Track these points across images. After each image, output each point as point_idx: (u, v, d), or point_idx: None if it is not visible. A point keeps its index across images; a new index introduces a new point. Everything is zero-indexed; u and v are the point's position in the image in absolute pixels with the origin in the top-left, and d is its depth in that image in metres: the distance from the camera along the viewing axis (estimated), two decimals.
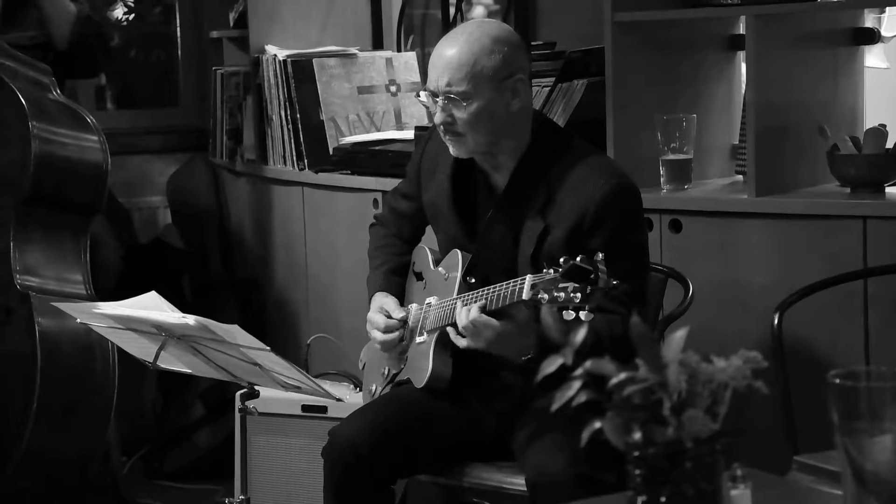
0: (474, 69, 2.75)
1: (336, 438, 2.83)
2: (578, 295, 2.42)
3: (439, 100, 2.78)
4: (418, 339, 2.92)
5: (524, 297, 2.51)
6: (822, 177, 3.34)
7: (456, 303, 2.76)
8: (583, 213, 2.72)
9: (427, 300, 2.94)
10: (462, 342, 2.70)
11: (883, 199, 3.15)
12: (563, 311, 2.43)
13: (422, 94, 2.86)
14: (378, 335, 2.95)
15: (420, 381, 2.86)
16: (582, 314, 2.44)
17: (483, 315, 2.63)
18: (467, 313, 2.65)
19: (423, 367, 2.87)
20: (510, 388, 2.87)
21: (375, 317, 2.96)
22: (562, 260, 2.45)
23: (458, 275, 2.85)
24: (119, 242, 4.20)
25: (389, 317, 2.94)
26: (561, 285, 2.44)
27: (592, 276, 2.42)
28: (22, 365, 3.56)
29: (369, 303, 3.02)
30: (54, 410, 3.56)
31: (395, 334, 2.93)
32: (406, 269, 3.09)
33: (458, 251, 2.89)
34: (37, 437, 3.53)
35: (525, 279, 2.52)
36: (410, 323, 2.96)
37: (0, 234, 3.65)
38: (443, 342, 2.84)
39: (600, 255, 2.45)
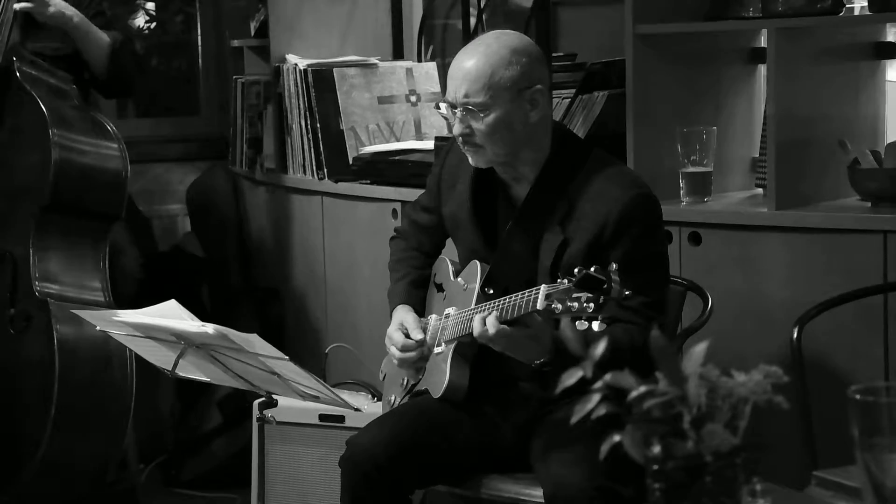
0: (492, 80, 2.75)
1: (354, 448, 2.83)
2: (592, 305, 2.43)
3: (458, 111, 2.79)
4: (437, 350, 2.92)
5: (539, 307, 2.51)
6: (843, 191, 3.33)
7: (474, 314, 2.77)
8: (603, 224, 2.72)
9: (446, 311, 2.95)
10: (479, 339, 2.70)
11: None
12: (577, 321, 2.44)
13: (441, 105, 2.86)
14: (396, 353, 2.95)
15: (437, 391, 2.86)
16: (595, 324, 2.45)
17: (498, 324, 2.63)
18: (482, 322, 2.65)
19: (440, 377, 2.87)
20: (528, 399, 2.86)
21: (395, 335, 2.96)
22: (576, 270, 2.46)
23: (477, 286, 2.85)
24: (138, 250, 4.21)
25: (408, 335, 2.94)
26: (574, 295, 2.45)
27: (605, 286, 2.43)
28: (40, 372, 3.57)
29: (390, 315, 3.03)
30: (72, 417, 3.57)
31: (413, 354, 2.94)
32: (426, 282, 3.09)
33: (478, 262, 2.89)
34: (54, 443, 3.54)
35: (540, 289, 2.52)
36: (430, 334, 2.96)
37: (20, 241, 3.67)
38: (461, 353, 2.84)
39: (614, 266, 2.45)
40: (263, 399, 2.86)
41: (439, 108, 2.89)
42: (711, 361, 1.59)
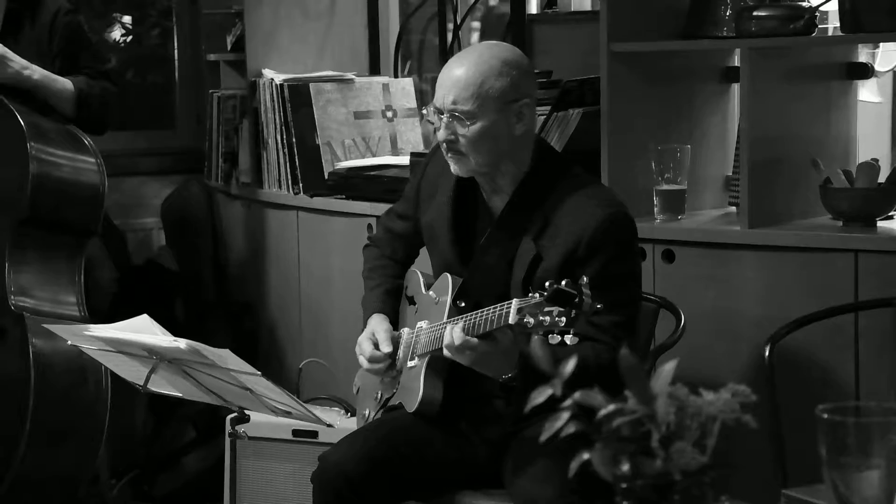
0: (481, 89, 2.76)
1: (325, 464, 2.83)
2: (563, 319, 2.44)
3: (444, 117, 2.80)
4: (410, 364, 2.92)
5: (511, 321, 2.51)
6: (815, 210, 3.35)
7: (446, 327, 2.77)
8: (577, 241, 2.73)
9: (418, 324, 2.95)
10: (447, 353, 2.70)
11: (875, 234, 3.16)
12: (549, 336, 2.45)
13: (428, 110, 2.87)
14: (365, 363, 2.96)
15: (411, 405, 2.87)
16: (567, 338, 2.45)
17: (465, 336, 2.63)
18: (450, 334, 2.66)
19: (413, 391, 2.87)
20: (501, 415, 2.87)
21: (364, 343, 2.96)
22: (547, 284, 2.47)
23: (448, 299, 2.86)
24: (113, 264, 4.20)
25: (377, 347, 2.95)
26: (546, 309, 2.45)
27: (577, 300, 2.43)
28: (15, 387, 3.56)
29: (364, 323, 3.03)
30: (47, 432, 3.56)
31: (380, 366, 2.94)
32: (400, 292, 3.09)
33: (449, 275, 2.90)
34: (29, 459, 3.53)
35: (511, 303, 2.53)
36: (402, 347, 2.97)
37: None
38: (434, 367, 2.85)
39: (585, 279, 2.46)
40: (236, 414, 2.86)
41: (425, 113, 2.90)
42: (683, 379, 1.60)
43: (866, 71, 3.49)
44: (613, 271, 2.72)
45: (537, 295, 2.48)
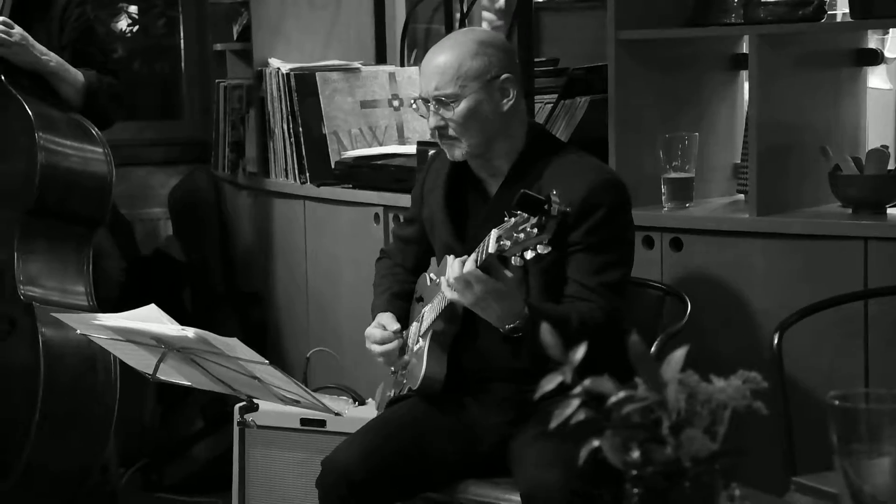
0: (459, 71, 2.82)
1: (329, 469, 2.83)
2: (535, 230, 2.45)
3: (431, 104, 2.85)
4: (415, 348, 2.95)
5: (491, 250, 2.53)
6: (824, 197, 3.34)
7: (442, 294, 2.78)
8: (569, 203, 2.74)
9: (423, 310, 2.97)
10: (450, 293, 2.70)
11: (884, 221, 3.15)
12: (526, 252, 2.46)
13: (417, 103, 2.91)
14: (376, 348, 2.96)
15: (415, 382, 2.88)
16: (540, 248, 2.46)
17: (475, 269, 2.62)
18: (460, 265, 2.65)
19: (418, 367, 2.89)
20: (506, 401, 2.87)
21: (372, 330, 2.98)
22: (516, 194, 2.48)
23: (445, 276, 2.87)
24: (121, 254, 4.20)
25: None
26: (520, 228, 2.47)
27: (546, 205, 2.44)
28: (25, 376, 3.56)
29: None
30: (57, 421, 3.56)
31: (393, 345, 2.94)
32: (410, 295, 3.11)
33: (449, 257, 2.90)
34: (39, 448, 3.53)
35: (490, 234, 2.54)
36: (411, 337, 2.97)
37: (4, 245, 3.65)
38: (437, 341, 2.87)
39: (554, 191, 2.48)
40: (244, 403, 2.85)
41: (413, 106, 2.94)
42: (691, 367, 1.59)
43: (876, 57, 3.48)
44: (604, 233, 2.75)
45: (508, 215, 2.49)
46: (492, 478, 2.87)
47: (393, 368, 3.03)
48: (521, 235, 2.47)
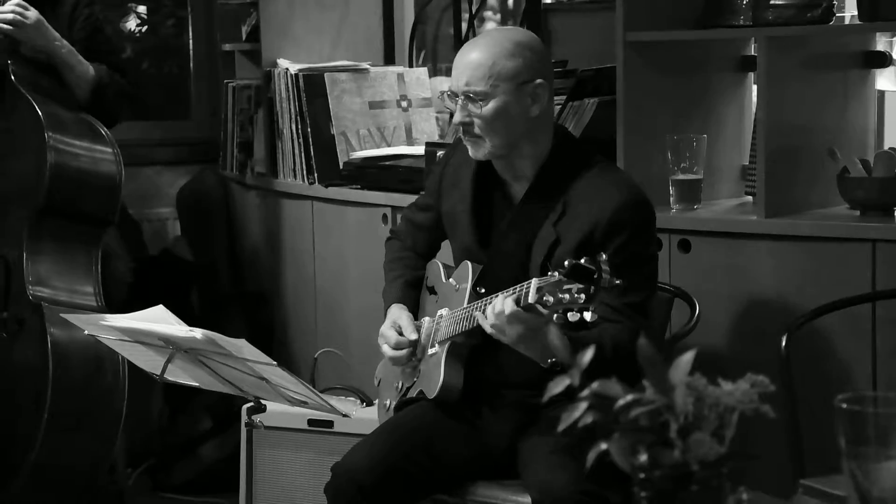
0: (493, 70, 2.78)
1: (338, 474, 2.82)
2: (582, 296, 2.43)
3: (459, 99, 2.82)
4: (430, 352, 2.93)
5: (530, 300, 2.51)
6: (832, 199, 3.34)
7: (468, 312, 2.77)
8: (595, 224, 2.74)
9: (439, 312, 2.96)
10: (489, 329, 2.66)
11: (892, 223, 3.14)
12: (569, 313, 2.44)
13: (444, 95, 2.89)
14: (389, 351, 2.95)
15: (431, 391, 2.86)
16: (587, 314, 2.44)
17: (516, 307, 2.58)
18: (502, 303, 2.60)
19: (435, 378, 2.87)
20: (517, 405, 2.86)
21: (388, 332, 2.96)
22: (566, 262, 2.46)
23: (469, 285, 2.86)
24: (129, 254, 4.20)
25: (401, 334, 2.94)
26: (565, 287, 2.44)
27: (596, 275, 2.43)
28: (33, 376, 3.56)
29: (384, 314, 3.03)
30: (65, 421, 3.56)
31: (405, 352, 2.93)
32: (421, 283, 3.10)
33: (469, 263, 2.90)
34: (47, 448, 3.54)
35: (531, 282, 2.52)
36: (423, 336, 2.96)
37: (13, 244, 3.66)
38: (454, 353, 2.85)
39: (604, 256, 2.45)
40: (252, 404, 2.86)
41: (442, 98, 2.92)
42: (699, 369, 1.59)
43: (884, 59, 3.48)
44: (629, 253, 2.72)
45: (556, 273, 2.47)
46: (500, 480, 2.86)
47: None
48: (566, 297, 2.44)
